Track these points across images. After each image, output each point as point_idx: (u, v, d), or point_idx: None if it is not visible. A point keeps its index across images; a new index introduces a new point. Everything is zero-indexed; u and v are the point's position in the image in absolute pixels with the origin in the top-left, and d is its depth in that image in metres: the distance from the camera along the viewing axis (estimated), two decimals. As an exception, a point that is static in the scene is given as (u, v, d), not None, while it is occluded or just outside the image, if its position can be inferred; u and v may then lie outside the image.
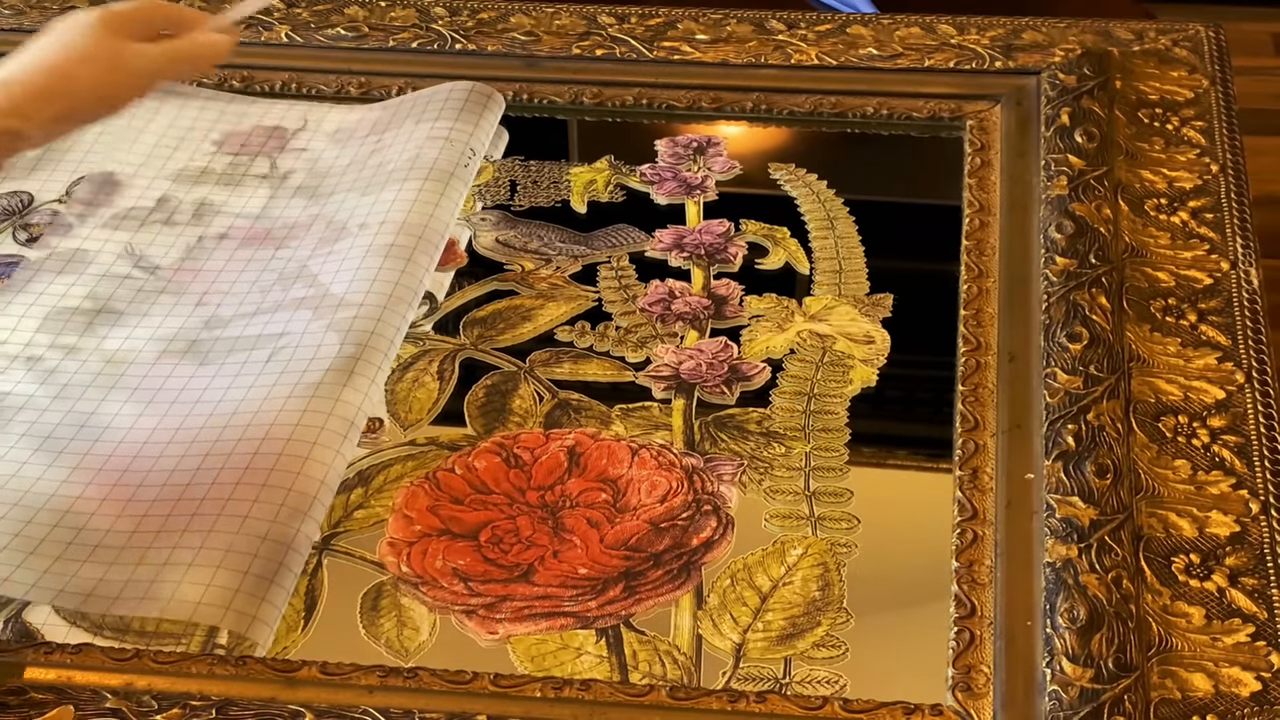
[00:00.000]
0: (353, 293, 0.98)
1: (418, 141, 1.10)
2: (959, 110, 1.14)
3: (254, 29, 1.23)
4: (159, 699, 0.79)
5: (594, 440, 0.93)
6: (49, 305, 1.01)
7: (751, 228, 1.08)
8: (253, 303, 1.00)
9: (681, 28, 1.21)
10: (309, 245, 1.03)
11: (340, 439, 0.89)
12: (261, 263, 1.03)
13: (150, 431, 0.91)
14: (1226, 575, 0.80)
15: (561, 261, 1.06)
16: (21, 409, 0.93)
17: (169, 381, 0.95)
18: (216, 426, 0.90)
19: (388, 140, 1.11)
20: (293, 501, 0.85)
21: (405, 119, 1.13)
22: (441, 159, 1.08)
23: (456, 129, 1.10)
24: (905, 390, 0.98)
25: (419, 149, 1.09)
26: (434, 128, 1.11)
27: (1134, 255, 0.99)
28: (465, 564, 0.86)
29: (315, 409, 0.90)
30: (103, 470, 0.89)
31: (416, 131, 1.11)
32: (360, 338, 0.95)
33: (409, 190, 1.05)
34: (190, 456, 0.89)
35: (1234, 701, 0.75)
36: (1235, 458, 0.86)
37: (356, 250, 1.01)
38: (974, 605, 0.81)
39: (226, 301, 1.00)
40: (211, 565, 0.82)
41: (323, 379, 0.92)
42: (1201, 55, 1.15)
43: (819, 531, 0.87)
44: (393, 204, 1.04)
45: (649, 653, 0.81)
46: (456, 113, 1.12)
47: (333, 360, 0.93)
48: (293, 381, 0.92)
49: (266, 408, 0.91)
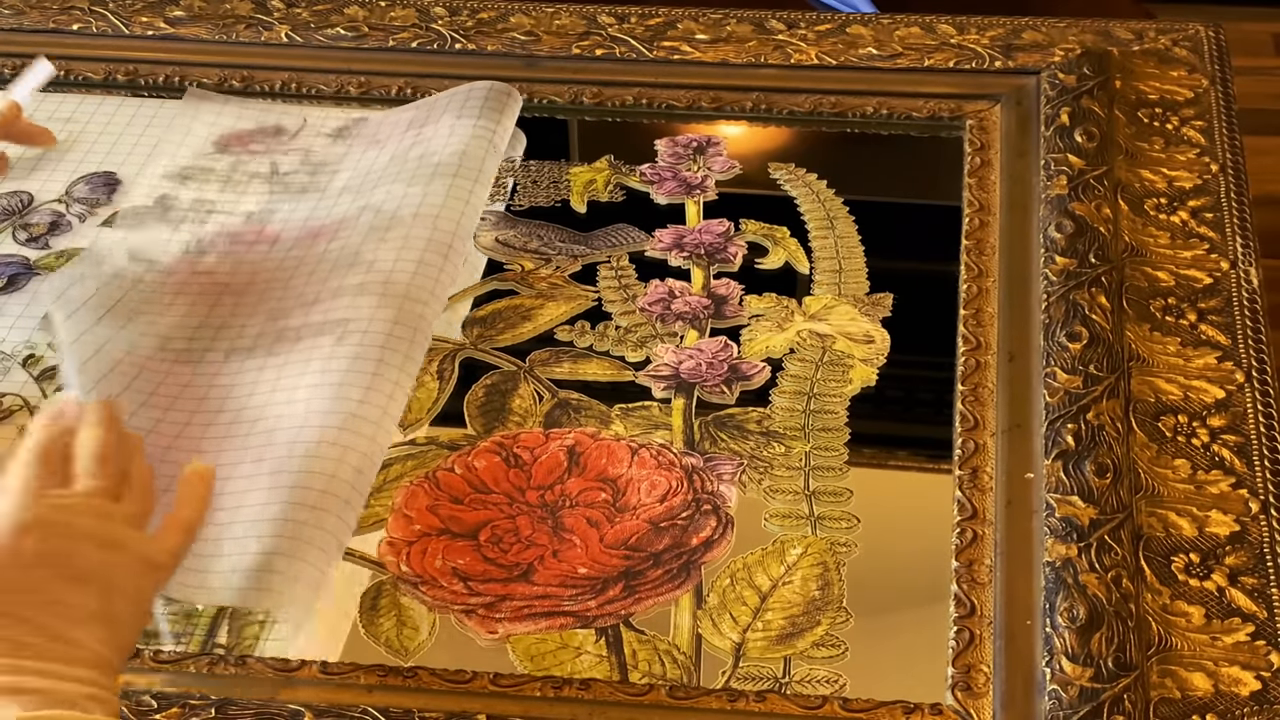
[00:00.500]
0: (418, 278, 0.98)
1: (461, 137, 1.09)
2: (959, 110, 1.14)
3: (254, 29, 1.23)
4: (158, 698, 0.79)
5: (594, 440, 0.93)
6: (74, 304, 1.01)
7: (751, 227, 1.08)
8: (312, 293, 0.99)
9: (681, 28, 1.21)
10: (359, 234, 1.03)
11: (395, 422, 0.91)
12: (315, 258, 1.03)
13: (229, 426, 0.91)
14: (1226, 574, 0.80)
15: (561, 261, 1.06)
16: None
17: (239, 378, 0.95)
18: (297, 414, 0.90)
19: (428, 134, 1.11)
20: (362, 484, 0.87)
21: (443, 114, 1.12)
22: (478, 154, 1.08)
23: (493, 126, 1.11)
24: (905, 390, 0.98)
25: (464, 144, 1.09)
26: (477, 125, 1.10)
27: (1134, 255, 0.99)
28: (465, 563, 0.86)
29: (379, 389, 0.91)
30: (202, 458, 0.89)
31: (458, 126, 1.10)
32: (417, 322, 0.95)
33: (461, 185, 1.06)
34: (274, 445, 0.89)
35: (1234, 701, 0.75)
36: (1235, 457, 0.86)
37: (416, 239, 1.02)
38: (974, 604, 0.81)
39: (287, 294, 1.00)
40: (320, 547, 0.83)
41: (386, 361, 0.93)
42: (1201, 55, 1.15)
43: (819, 531, 0.87)
44: (448, 195, 1.05)
45: (648, 652, 0.81)
46: (490, 110, 1.12)
47: (398, 345, 0.94)
48: (368, 370, 0.92)
49: (342, 394, 0.91)
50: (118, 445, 0.78)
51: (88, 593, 0.70)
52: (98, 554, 0.72)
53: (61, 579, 0.70)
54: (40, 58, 1.07)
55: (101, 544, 0.72)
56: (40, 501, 0.73)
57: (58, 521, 0.72)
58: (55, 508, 0.73)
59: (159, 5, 1.26)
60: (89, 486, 0.75)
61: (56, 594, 0.69)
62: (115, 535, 0.73)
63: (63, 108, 1.20)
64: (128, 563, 0.73)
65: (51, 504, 0.73)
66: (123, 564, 0.72)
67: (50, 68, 1.06)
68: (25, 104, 1.01)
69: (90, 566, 0.71)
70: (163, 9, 1.25)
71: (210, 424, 0.92)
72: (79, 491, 0.74)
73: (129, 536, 0.74)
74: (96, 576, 0.71)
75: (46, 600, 0.69)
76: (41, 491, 0.73)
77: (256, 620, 0.83)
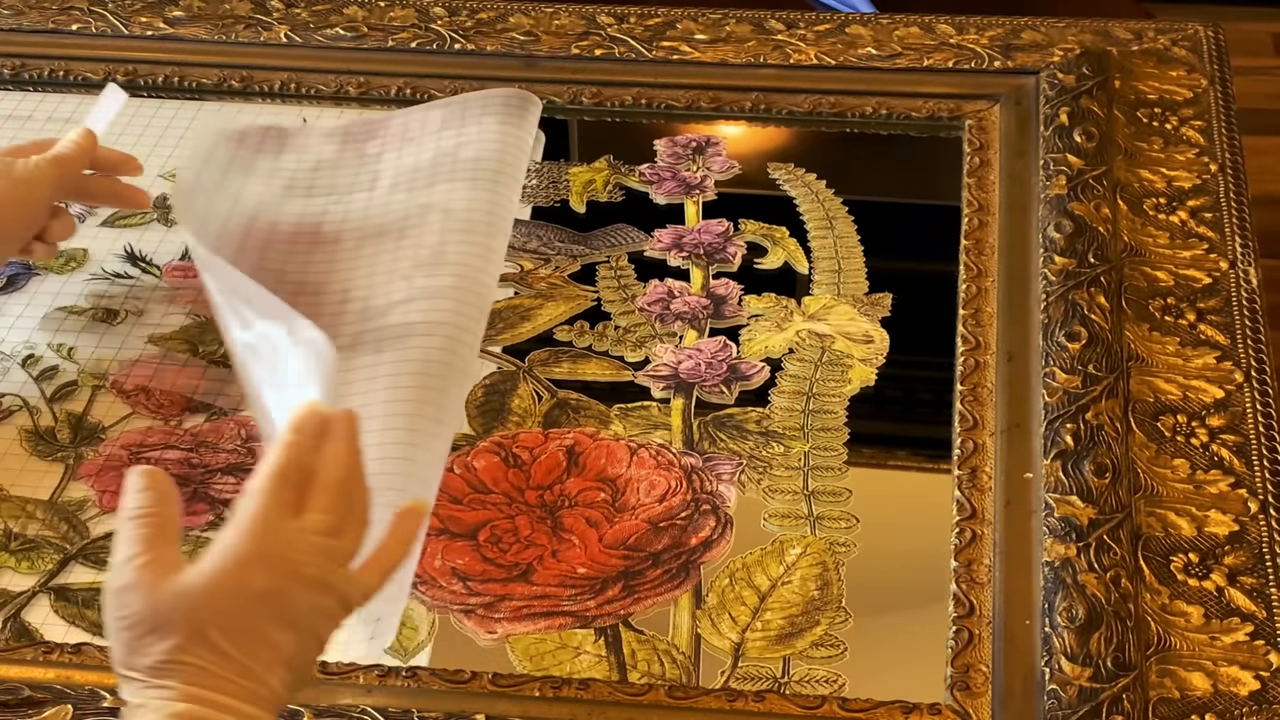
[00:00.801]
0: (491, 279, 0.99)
1: (510, 141, 1.08)
2: (958, 110, 1.14)
3: (253, 29, 1.23)
4: (158, 698, 0.79)
5: (593, 440, 0.93)
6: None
7: (750, 227, 1.08)
8: (401, 291, 0.98)
9: (680, 28, 1.21)
10: (434, 232, 1.02)
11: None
12: (390, 254, 1.02)
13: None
14: (1225, 574, 0.80)
15: (560, 261, 1.06)
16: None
17: (354, 374, 0.93)
18: (406, 414, 0.90)
19: (471, 134, 1.09)
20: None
21: (481, 116, 1.11)
22: (520, 160, 1.08)
23: (531, 132, 1.10)
24: (904, 390, 0.98)
25: (512, 148, 1.08)
26: (518, 130, 1.09)
27: (1133, 255, 0.99)
28: (464, 563, 0.86)
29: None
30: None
31: (503, 130, 1.09)
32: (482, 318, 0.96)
33: (507, 187, 1.06)
34: (393, 445, 0.88)
35: (1232, 700, 0.75)
36: (1234, 457, 0.86)
37: (498, 243, 1.01)
38: (973, 604, 0.81)
39: (374, 294, 0.99)
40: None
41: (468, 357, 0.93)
42: (1201, 55, 1.15)
43: (818, 531, 0.87)
44: (509, 200, 1.05)
45: (648, 652, 0.81)
46: (525, 115, 1.11)
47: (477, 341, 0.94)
48: (463, 368, 0.92)
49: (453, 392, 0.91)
50: (354, 465, 0.75)
51: (290, 637, 0.68)
52: (311, 598, 0.69)
53: (274, 621, 0.68)
54: (110, 84, 1.07)
55: (317, 588, 0.70)
56: (272, 537, 0.71)
57: (286, 560, 0.70)
58: (286, 544, 0.71)
59: (158, 5, 1.26)
60: (319, 523, 0.72)
61: (265, 634, 0.68)
62: (331, 579, 0.71)
63: (62, 108, 1.20)
64: (332, 608, 0.70)
65: (282, 540, 0.71)
66: (328, 609, 0.70)
67: (122, 95, 1.05)
68: (100, 133, 1.00)
69: (302, 612, 0.69)
70: (162, 9, 1.25)
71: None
72: (309, 529, 0.72)
73: (340, 578, 0.71)
74: (304, 623, 0.69)
75: (253, 639, 0.68)
76: (276, 525, 0.71)
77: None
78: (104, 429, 0.95)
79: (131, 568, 0.69)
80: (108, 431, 0.95)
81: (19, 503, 0.91)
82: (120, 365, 0.99)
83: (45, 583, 0.86)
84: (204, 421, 0.95)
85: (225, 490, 0.90)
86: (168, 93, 1.21)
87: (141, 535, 0.70)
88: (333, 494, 0.72)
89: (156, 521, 0.70)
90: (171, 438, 0.94)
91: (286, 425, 0.74)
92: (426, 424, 0.88)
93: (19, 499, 0.91)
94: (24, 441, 0.94)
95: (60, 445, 0.94)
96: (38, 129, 1.18)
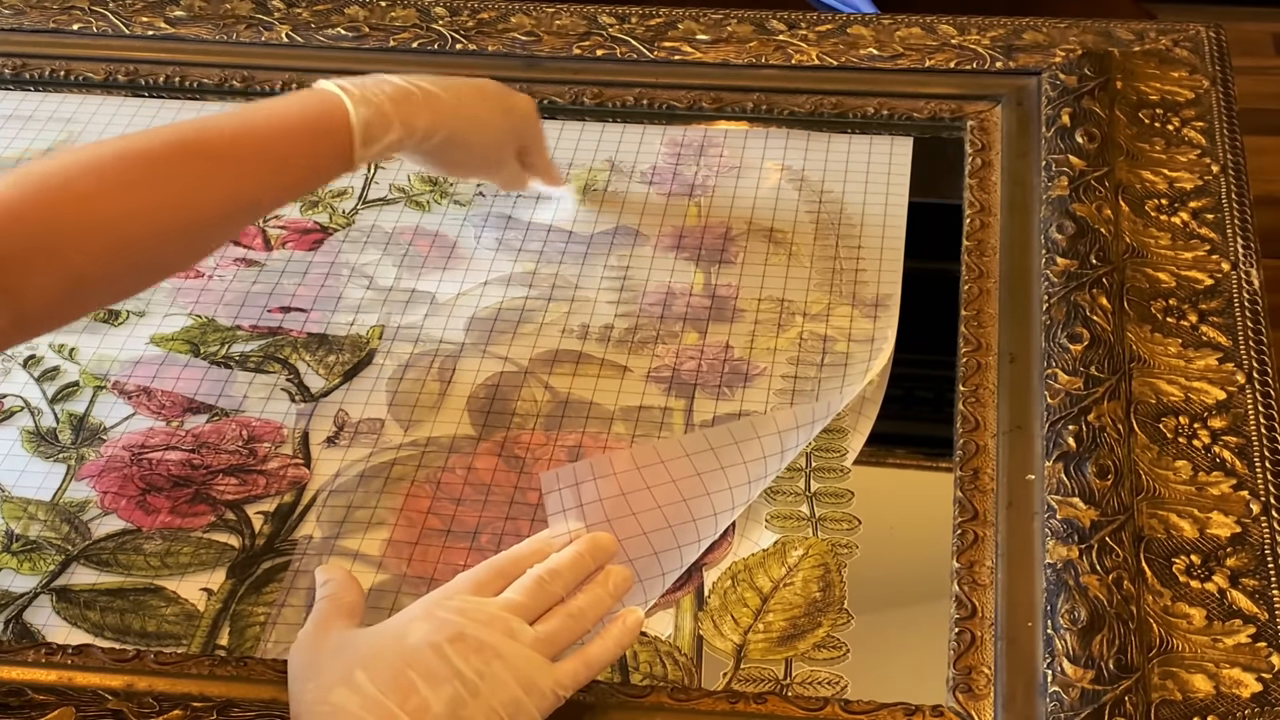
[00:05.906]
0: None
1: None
2: (959, 111, 1.14)
3: (254, 29, 1.23)
4: (160, 700, 0.79)
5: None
6: None
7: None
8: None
9: (682, 28, 1.21)
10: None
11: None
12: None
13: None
14: (1227, 576, 0.80)
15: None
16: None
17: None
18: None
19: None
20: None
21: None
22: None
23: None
24: (905, 390, 0.98)
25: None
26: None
27: (1135, 256, 0.99)
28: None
29: None
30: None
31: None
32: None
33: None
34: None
35: (1235, 703, 0.75)
36: (1236, 458, 0.86)
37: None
38: (975, 606, 0.81)
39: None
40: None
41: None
42: (1202, 55, 1.15)
43: (820, 532, 0.87)
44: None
45: (650, 653, 0.81)
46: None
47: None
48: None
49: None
50: (576, 569, 0.77)
51: (445, 693, 0.69)
52: (472, 660, 0.70)
53: (425, 674, 0.70)
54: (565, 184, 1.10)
55: (477, 651, 0.71)
56: (446, 602, 0.73)
57: (450, 622, 0.71)
58: (456, 609, 0.72)
59: (159, 5, 1.26)
60: (503, 600, 0.73)
61: (414, 684, 0.69)
62: (500, 647, 0.71)
63: (63, 108, 1.20)
64: (502, 676, 0.71)
65: (453, 605, 0.72)
66: (497, 676, 0.70)
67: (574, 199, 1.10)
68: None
69: (459, 672, 0.70)
70: (163, 9, 1.25)
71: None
72: (490, 600, 0.73)
73: (513, 651, 0.72)
74: (462, 683, 0.70)
75: (402, 687, 0.69)
76: (455, 594, 0.73)
77: (257, 621, 0.83)
78: (105, 430, 0.95)
79: (305, 629, 0.73)
80: (109, 432, 0.95)
81: (20, 504, 0.91)
82: (122, 366, 0.99)
83: (47, 584, 0.86)
84: (205, 422, 0.95)
85: (226, 491, 0.91)
86: (169, 93, 1.21)
87: (319, 608, 0.75)
88: (531, 584, 0.75)
89: (333, 598, 0.75)
90: (173, 439, 0.94)
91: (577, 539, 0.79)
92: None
93: (20, 500, 0.91)
94: (26, 442, 0.95)
95: (62, 446, 0.94)
96: (38, 129, 1.18)
